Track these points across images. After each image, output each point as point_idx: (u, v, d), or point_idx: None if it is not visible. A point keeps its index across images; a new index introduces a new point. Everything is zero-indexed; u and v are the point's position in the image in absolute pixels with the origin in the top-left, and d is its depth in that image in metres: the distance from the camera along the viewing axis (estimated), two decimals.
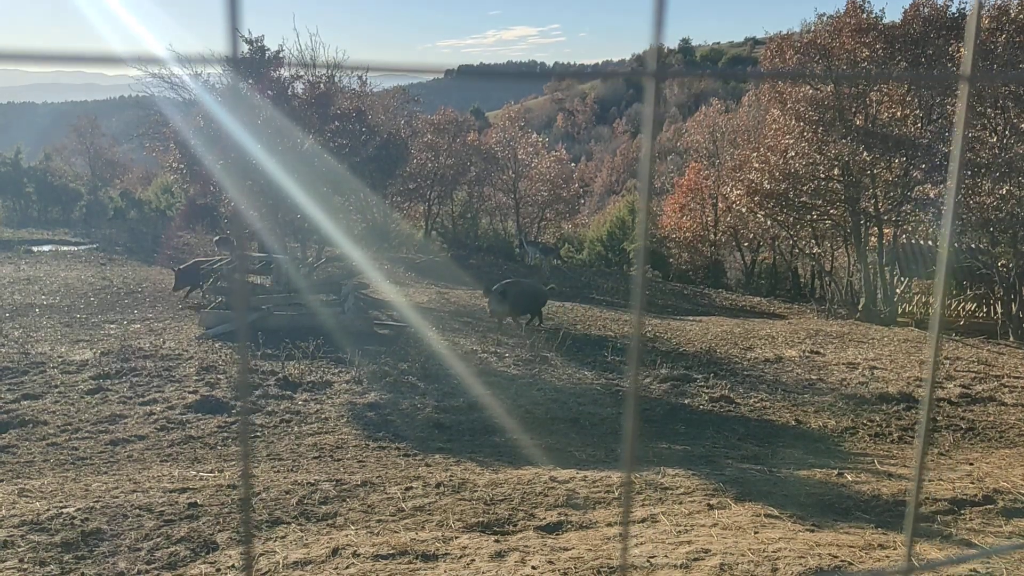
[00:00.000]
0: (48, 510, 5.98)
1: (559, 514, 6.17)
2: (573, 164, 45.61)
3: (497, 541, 5.52)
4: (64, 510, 5.96)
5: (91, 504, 6.12)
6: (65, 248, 27.55)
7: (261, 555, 5.21)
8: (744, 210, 28.72)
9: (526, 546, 5.43)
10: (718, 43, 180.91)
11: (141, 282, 19.95)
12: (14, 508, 6.09)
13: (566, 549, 5.30)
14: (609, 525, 5.89)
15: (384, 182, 20.59)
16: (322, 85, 17.20)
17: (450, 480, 6.99)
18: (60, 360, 11.77)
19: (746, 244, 38.97)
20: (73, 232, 31.68)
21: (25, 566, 5.18)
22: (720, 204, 36.67)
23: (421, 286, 23.94)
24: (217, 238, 23.89)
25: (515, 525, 6.02)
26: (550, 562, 5.03)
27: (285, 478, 7.07)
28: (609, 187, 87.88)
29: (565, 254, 40.38)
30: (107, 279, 20.33)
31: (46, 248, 27.30)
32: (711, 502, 6.50)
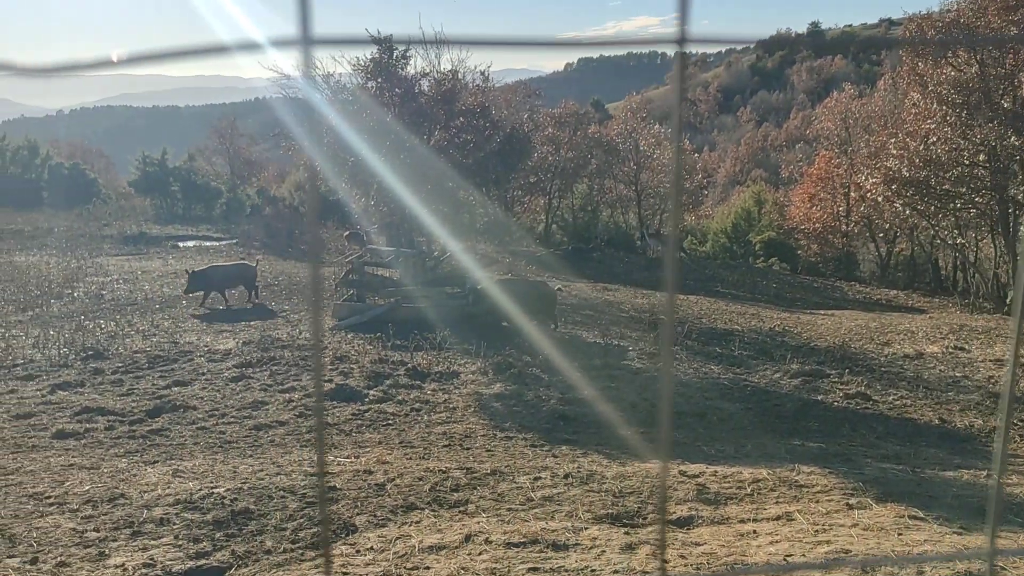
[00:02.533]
0: (200, 490, 6.36)
1: (689, 508, 6.09)
2: (696, 154, 44.71)
3: (627, 533, 5.50)
4: (215, 490, 6.33)
5: (239, 485, 6.47)
6: (208, 243, 29.12)
7: (397, 539, 5.38)
8: (880, 199, 27.45)
9: (657, 539, 5.39)
10: (850, 26, 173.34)
11: (277, 275, 20.86)
12: (169, 488, 6.51)
13: (697, 544, 5.23)
14: (743, 521, 5.77)
15: (507, 176, 20.78)
16: (448, 82, 17.51)
17: (578, 471, 7.01)
18: (206, 349, 12.47)
19: (881, 235, 37.20)
20: (214, 228, 33.45)
21: (180, 542, 5.53)
22: (853, 193, 35.14)
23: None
24: (348, 233, 24.69)
25: (644, 518, 5.98)
26: (682, 556, 4.97)
27: (418, 465, 7.27)
28: (733, 177, 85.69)
29: (688, 246, 39.69)
30: None
31: (190, 243, 28.93)
32: (850, 501, 6.27)
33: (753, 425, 10.12)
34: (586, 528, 5.59)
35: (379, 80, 16.75)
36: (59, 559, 5.22)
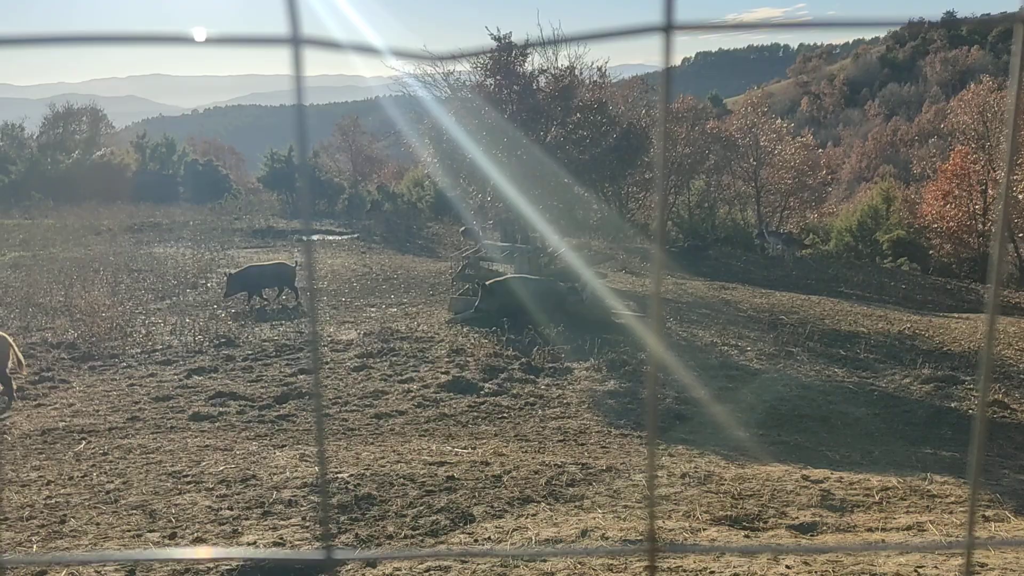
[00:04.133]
0: (325, 474, 6.60)
1: (812, 514, 5.91)
2: (820, 150, 43.16)
3: (747, 536, 5.39)
4: (339, 475, 6.55)
5: (361, 471, 6.68)
6: (331, 238, 30.14)
7: (514, 530, 5.44)
8: (1022, 197, 25.81)
9: (778, 544, 5.26)
10: (987, 14, 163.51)
11: (396, 269, 21.40)
12: (296, 471, 6.78)
13: (822, 551, 5.07)
14: (870, 530, 5.55)
15: (623, 172, 20.64)
16: (565, 78, 17.54)
17: (695, 471, 6.91)
18: (329, 339, 12.92)
19: (1021, 235, 34.98)
20: (337, 223, 34.56)
21: (307, 523, 5.75)
22: (991, 191, 33.15)
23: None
24: (463, 228, 25.05)
25: (765, 522, 5.84)
26: (805, 563, 4.83)
27: (533, 458, 7.33)
28: (859, 174, 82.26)
29: (810, 244, 38.37)
30: (367, 266, 22.01)
31: (315, 237, 30.00)
32: (986, 513, 5.94)
33: (881, 431, 9.72)
34: (704, 529, 5.50)
35: (497, 77, 16.93)
36: (196, 535, 5.52)
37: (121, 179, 41.09)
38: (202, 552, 5.02)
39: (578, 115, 17.42)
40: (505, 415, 9.52)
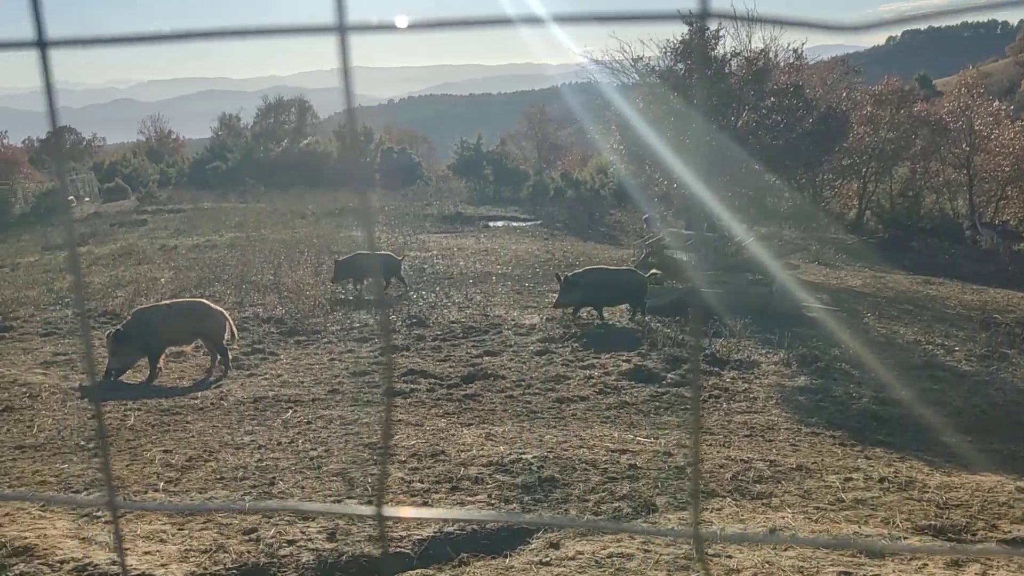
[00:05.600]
0: (510, 454, 6.76)
1: None
2: None
3: (953, 548, 5.02)
4: (523, 456, 6.69)
5: (545, 453, 6.78)
6: (515, 224, 30.73)
7: (699, 524, 5.34)
8: None
9: (988, 560, 4.85)
10: None
11: (578, 256, 21.51)
12: (482, 449, 6.98)
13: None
14: None
15: (819, 159, 19.65)
16: (759, 61, 16.90)
17: (895, 476, 6.50)
18: (513, 323, 13.20)
19: None
20: (521, 209, 35.18)
21: (493, 501, 5.91)
22: None
23: (853, 269, 22.49)
24: (646, 216, 24.79)
25: (973, 535, 5.41)
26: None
27: (718, 452, 7.16)
28: None
29: None
30: (549, 252, 22.27)
31: (499, 223, 30.70)
32: None
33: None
34: (905, 538, 5.17)
35: (688, 62, 16.57)
36: (389, 504, 5.82)
37: (324, 166, 43.75)
38: (405, 511, 5.29)
39: (772, 99, 16.74)
40: (688, 407, 9.35)
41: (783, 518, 5.46)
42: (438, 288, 16.30)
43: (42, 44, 0.91)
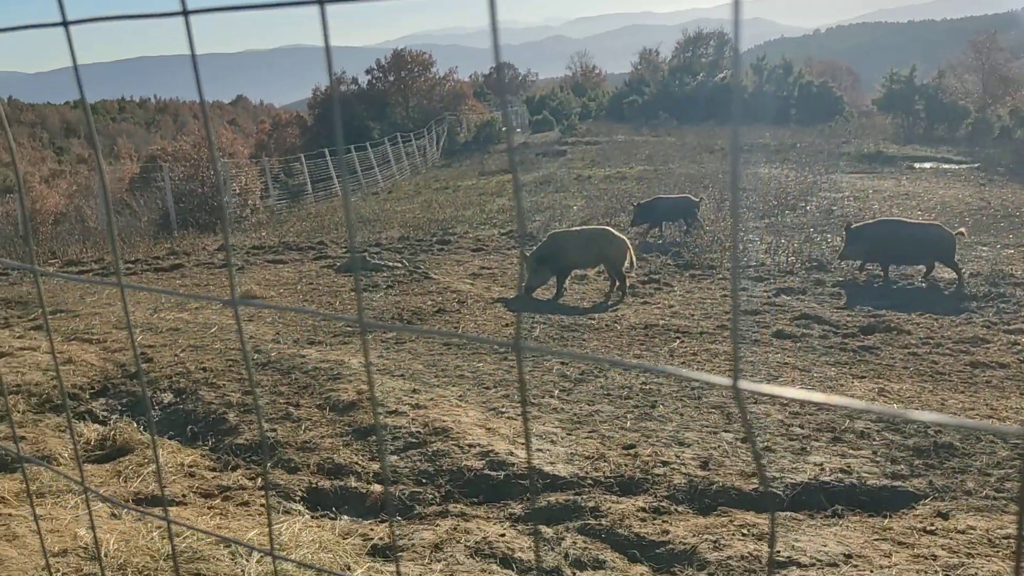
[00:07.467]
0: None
1: None
2: None
3: None
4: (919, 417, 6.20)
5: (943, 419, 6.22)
6: (946, 166, 27.58)
7: None
8: None
9: None
10: None
11: (1020, 206, 18.75)
12: (872, 405, 6.61)
13: None
14: None
15: None
16: None
17: None
18: (930, 276, 12.04)
19: None
20: (955, 150, 31.43)
21: (877, 459, 5.60)
22: None
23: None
24: None
25: None
26: None
27: None
28: None
29: None
30: (985, 200, 19.72)
31: (927, 165, 27.78)
32: None
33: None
34: None
35: None
36: (765, 444, 5.80)
37: (738, 100, 43.00)
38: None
39: None
40: None
41: None
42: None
43: None
